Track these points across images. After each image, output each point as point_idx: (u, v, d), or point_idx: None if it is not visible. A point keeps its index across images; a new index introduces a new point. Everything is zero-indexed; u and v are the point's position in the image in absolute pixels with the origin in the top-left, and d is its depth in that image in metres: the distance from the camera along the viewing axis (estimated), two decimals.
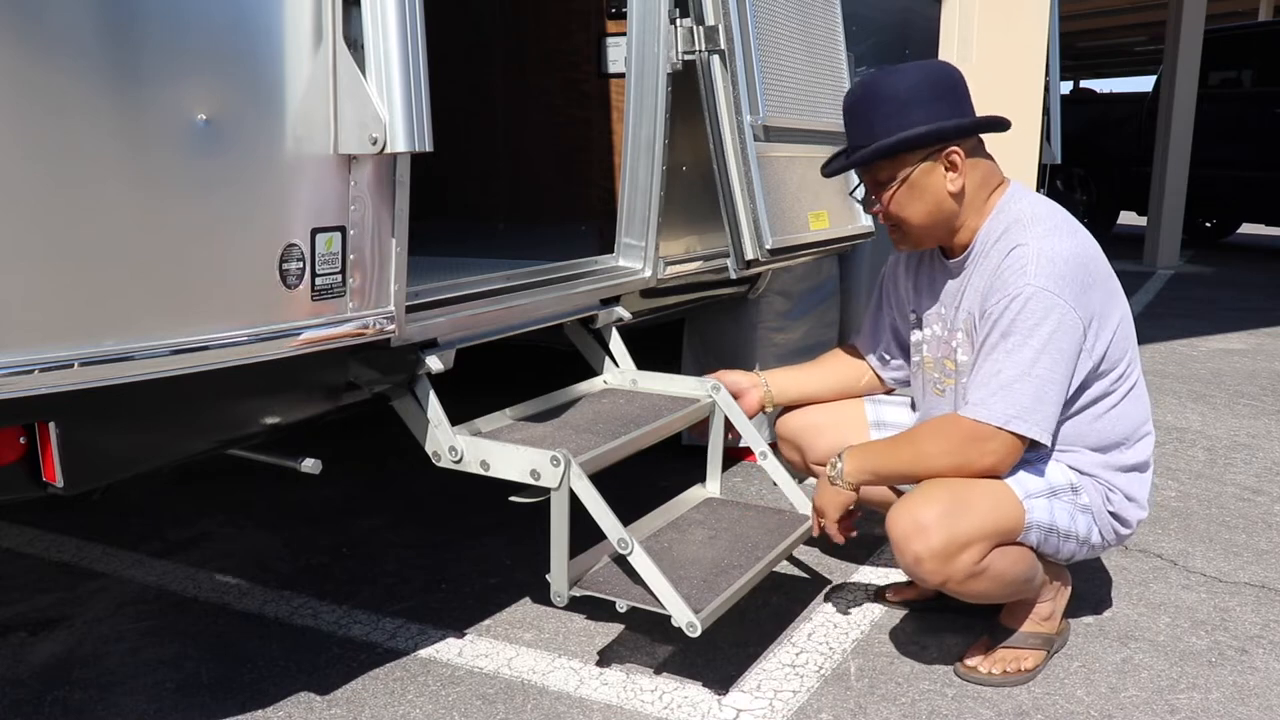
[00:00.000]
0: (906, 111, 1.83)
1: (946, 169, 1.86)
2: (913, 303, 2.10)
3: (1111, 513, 1.92)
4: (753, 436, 2.28)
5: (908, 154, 1.85)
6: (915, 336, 2.09)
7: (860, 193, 2.00)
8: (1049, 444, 1.82)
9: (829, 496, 1.95)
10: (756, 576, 1.94)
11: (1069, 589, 2.06)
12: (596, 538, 1.89)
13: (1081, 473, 1.90)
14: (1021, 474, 1.85)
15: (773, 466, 2.30)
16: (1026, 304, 1.76)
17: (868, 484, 1.94)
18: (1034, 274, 1.77)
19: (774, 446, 2.34)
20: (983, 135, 1.93)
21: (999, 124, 1.88)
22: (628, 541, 1.79)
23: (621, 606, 1.82)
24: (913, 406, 2.22)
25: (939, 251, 2.01)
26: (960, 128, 1.84)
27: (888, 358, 2.24)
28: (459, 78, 3.24)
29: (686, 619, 1.74)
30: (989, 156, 1.93)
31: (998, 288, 1.81)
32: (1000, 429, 1.77)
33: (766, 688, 1.91)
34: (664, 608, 1.77)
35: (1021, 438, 1.78)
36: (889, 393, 2.34)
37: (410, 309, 1.78)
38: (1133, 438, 1.93)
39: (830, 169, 1.98)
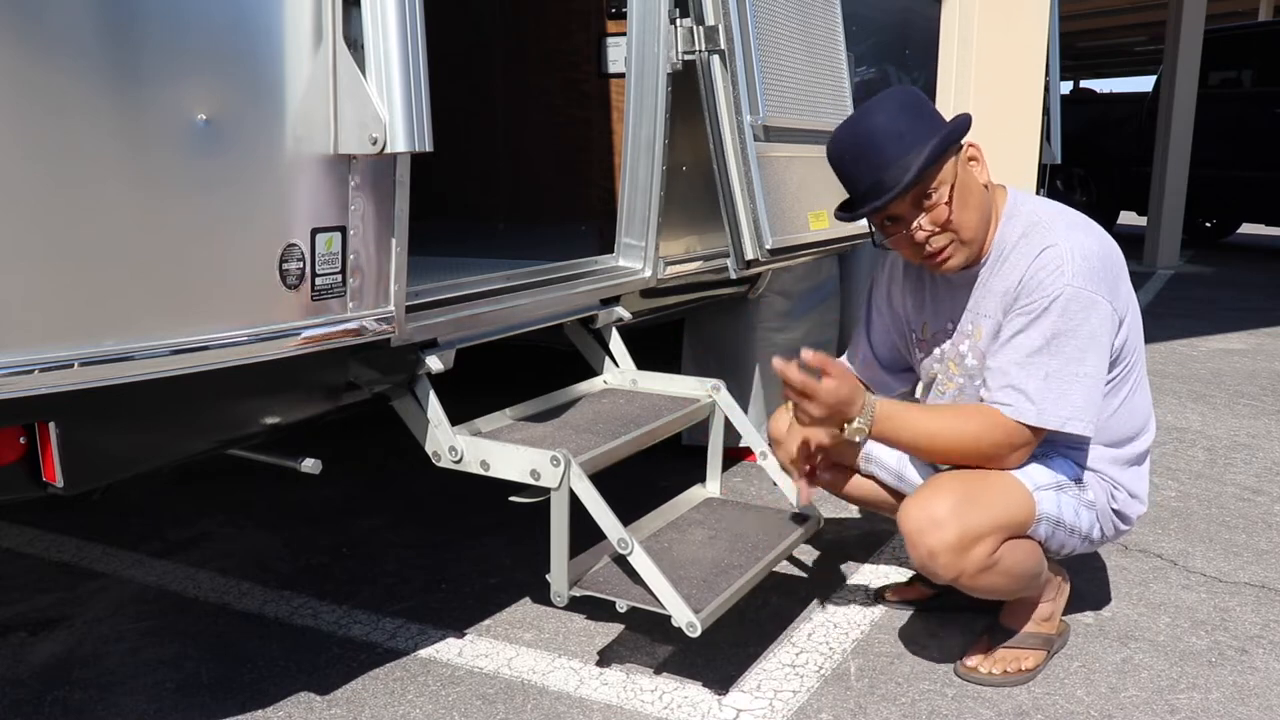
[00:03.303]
0: (912, 131, 1.79)
1: (970, 162, 1.87)
2: (914, 319, 2.07)
3: (1115, 509, 1.93)
4: (752, 436, 2.28)
5: (945, 155, 1.81)
6: (921, 353, 2.07)
7: (879, 236, 1.91)
8: (1092, 437, 1.84)
9: (835, 415, 1.78)
10: (756, 576, 1.94)
11: (1068, 588, 2.06)
12: (596, 538, 1.89)
13: (1087, 469, 1.90)
14: (1029, 465, 1.85)
15: (773, 466, 2.30)
16: (1069, 304, 1.76)
17: (879, 440, 1.86)
18: (1071, 274, 1.76)
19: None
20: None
21: (969, 120, 1.88)
22: (628, 541, 1.79)
23: (621, 606, 1.82)
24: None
25: None
26: (962, 124, 1.85)
27: (884, 378, 2.19)
28: (459, 78, 3.24)
29: (686, 619, 1.74)
30: None
31: (1033, 289, 1.79)
32: (1052, 430, 1.78)
33: (766, 688, 1.91)
34: (664, 608, 1.77)
35: (1039, 431, 1.79)
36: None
37: (410, 309, 1.78)
38: (1141, 432, 1.94)
39: (868, 209, 1.83)
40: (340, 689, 1.89)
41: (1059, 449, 1.89)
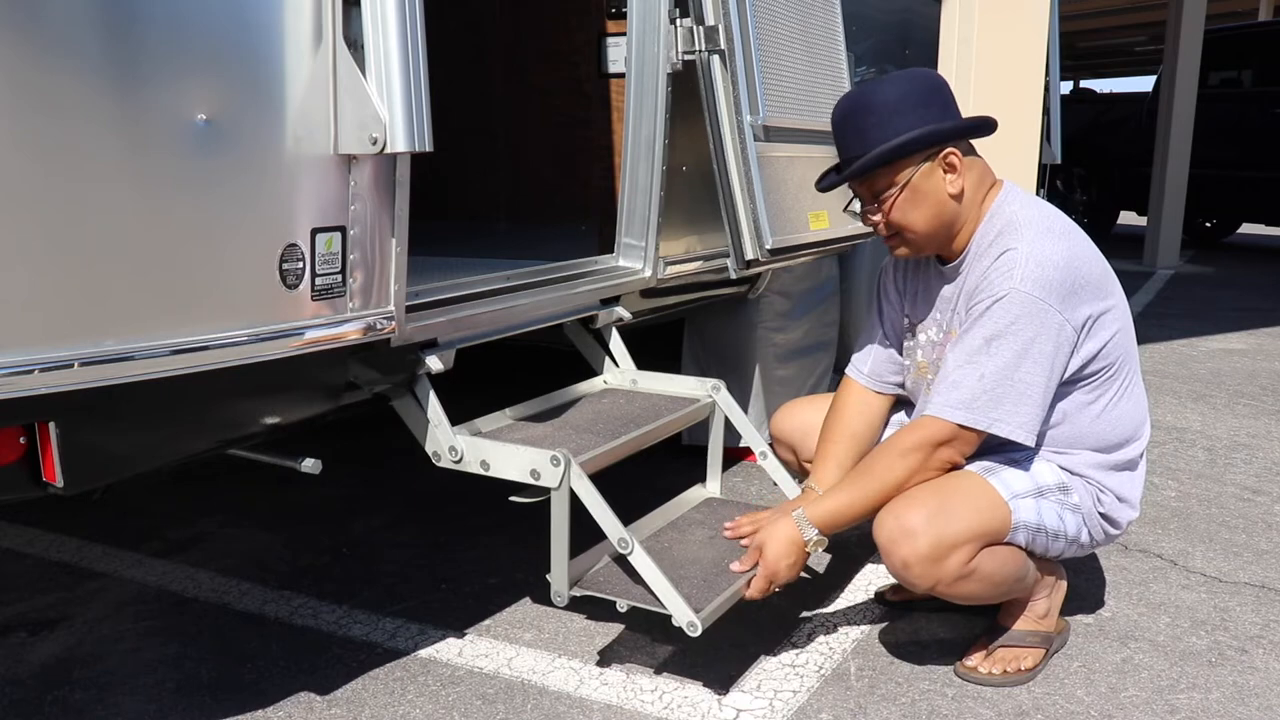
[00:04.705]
0: (899, 118, 1.82)
1: (945, 171, 1.86)
2: (908, 309, 2.09)
3: (1102, 514, 1.92)
4: (752, 436, 2.28)
5: (906, 159, 1.84)
6: (909, 342, 2.08)
7: (856, 205, 1.98)
8: (1032, 445, 1.82)
9: (796, 556, 1.86)
10: None
11: (1064, 585, 2.06)
12: (596, 538, 1.89)
13: (1073, 473, 1.90)
14: (1007, 473, 1.85)
15: (773, 466, 2.30)
16: (1010, 307, 1.76)
17: (841, 528, 1.91)
18: (1020, 277, 1.76)
19: (771, 446, 2.34)
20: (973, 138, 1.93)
21: (989, 125, 1.88)
22: (628, 541, 1.79)
23: (621, 606, 1.82)
24: (905, 403, 2.21)
25: (935, 257, 2.00)
26: (955, 129, 1.84)
27: (891, 377, 2.16)
28: (459, 78, 3.24)
29: (687, 619, 1.74)
30: (980, 158, 1.93)
31: (984, 288, 1.81)
32: (979, 430, 1.78)
33: (766, 688, 1.91)
34: (664, 607, 1.77)
35: (970, 430, 1.80)
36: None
37: (410, 309, 1.78)
38: (1132, 439, 1.93)
39: (826, 183, 1.95)
40: (340, 689, 1.89)
41: (1043, 454, 1.89)
